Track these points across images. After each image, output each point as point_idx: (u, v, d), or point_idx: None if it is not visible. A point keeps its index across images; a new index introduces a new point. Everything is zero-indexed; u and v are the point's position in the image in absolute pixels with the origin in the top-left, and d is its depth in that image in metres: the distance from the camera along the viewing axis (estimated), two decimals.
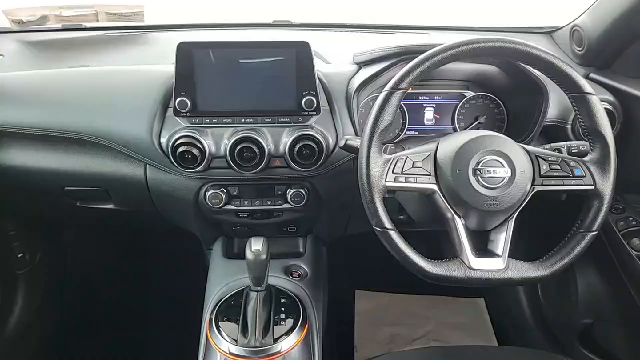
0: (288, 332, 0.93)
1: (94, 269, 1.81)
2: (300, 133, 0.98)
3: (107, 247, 1.85)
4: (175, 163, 0.98)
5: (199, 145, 0.96)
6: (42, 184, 1.12)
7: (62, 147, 1.08)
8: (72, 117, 1.01)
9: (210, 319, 0.96)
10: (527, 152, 0.84)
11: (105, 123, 1.00)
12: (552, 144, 0.92)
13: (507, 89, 1.13)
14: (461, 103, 1.15)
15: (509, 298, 1.71)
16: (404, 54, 1.02)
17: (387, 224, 0.80)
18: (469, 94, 1.15)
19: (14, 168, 1.09)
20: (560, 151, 0.89)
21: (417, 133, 1.16)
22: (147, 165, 1.04)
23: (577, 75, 0.81)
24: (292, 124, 1.00)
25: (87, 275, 1.79)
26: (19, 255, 1.51)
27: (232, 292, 1.02)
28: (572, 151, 0.89)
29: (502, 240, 0.83)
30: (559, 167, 0.83)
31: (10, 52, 1.28)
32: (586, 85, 0.81)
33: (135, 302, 1.74)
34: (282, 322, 0.95)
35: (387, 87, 0.82)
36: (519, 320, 1.65)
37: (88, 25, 1.41)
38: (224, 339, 0.91)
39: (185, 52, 0.96)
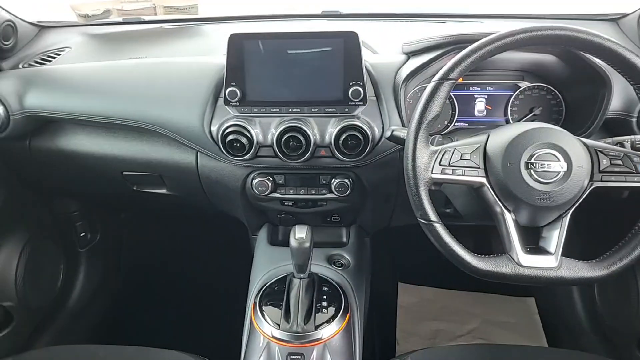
0: (329, 320, 0.94)
1: (147, 249, 1.91)
2: (346, 123, 0.98)
3: (159, 229, 1.94)
4: (224, 151, 1.01)
5: (247, 134, 0.98)
6: (103, 169, 1.19)
7: (122, 135, 1.14)
8: (131, 106, 1.07)
9: (255, 303, 0.99)
10: (586, 145, 0.80)
11: (160, 112, 1.05)
12: (615, 138, 0.86)
13: (566, 79, 1.07)
14: (515, 94, 1.11)
15: (561, 299, 1.63)
16: (454, 44, 0.99)
17: (433, 216, 0.79)
18: (524, 84, 1.10)
19: (79, 153, 1.17)
20: (623, 146, 0.83)
21: (467, 125, 1.13)
22: (198, 153, 1.08)
23: None
24: (339, 114, 1.00)
25: (140, 255, 1.89)
26: (81, 235, 1.62)
27: (276, 278, 1.04)
28: (637, 146, 0.83)
29: (555, 238, 0.79)
30: (620, 163, 0.78)
31: (76, 44, 1.36)
32: None
33: (185, 282, 1.82)
34: (324, 310, 0.96)
35: (436, 77, 0.80)
36: (572, 322, 1.58)
37: (147, 18, 1.48)
38: (267, 322, 0.94)
39: (236, 43, 0.98)
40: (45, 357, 0.98)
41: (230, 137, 0.98)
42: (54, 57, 1.28)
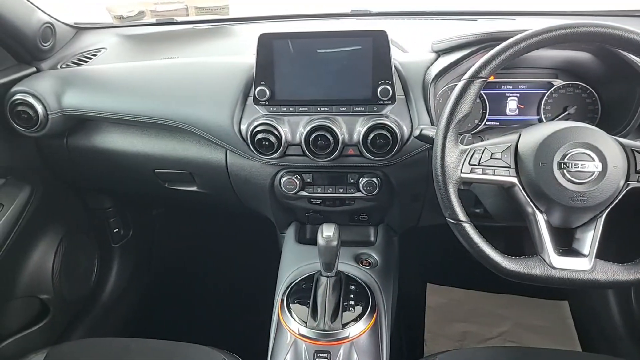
0: (357, 319, 0.94)
1: (176, 246, 1.95)
2: (374, 122, 0.98)
3: (189, 226, 1.98)
4: (253, 149, 1.02)
5: (275, 132, 0.99)
6: (136, 166, 1.22)
7: (154, 133, 1.17)
8: (163, 105, 1.09)
9: (282, 300, 1.00)
10: (622, 145, 0.77)
11: (191, 111, 1.07)
12: None
13: (601, 77, 1.04)
14: (548, 92, 1.08)
15: (596, 303, 1.58)
16: (485, 41, 0.98)
17: (461, 216, 0.78)
18: (558, 82, 1.07)
19: (114, 151, 1.21)
20: None
21: (498, 124, 1.11)
22: (228, 151, 1.10)
23: None
24: (367, 113, 1.00)
25: (170, 251, 1.93)
26: (115, 230, 1.66)
27: (303, 276, 1.05)
28: None
29: (589, 239, 0.77)
30: None
31: (111, 45, 1.40)
32: None
33: (214, 278, 1.85)
34: (351, 309, 0.96)
35: (466, 76, 0.79)
36: (607, 327, 1.53)
37: (179, 19, 1.51)
38: (295, 320, 0.94)
39: (265, 43, 1.00)
40: (80, 349, 1.01)
41: (259, 135, 1.00)
42: (90, 58, 1.32)
